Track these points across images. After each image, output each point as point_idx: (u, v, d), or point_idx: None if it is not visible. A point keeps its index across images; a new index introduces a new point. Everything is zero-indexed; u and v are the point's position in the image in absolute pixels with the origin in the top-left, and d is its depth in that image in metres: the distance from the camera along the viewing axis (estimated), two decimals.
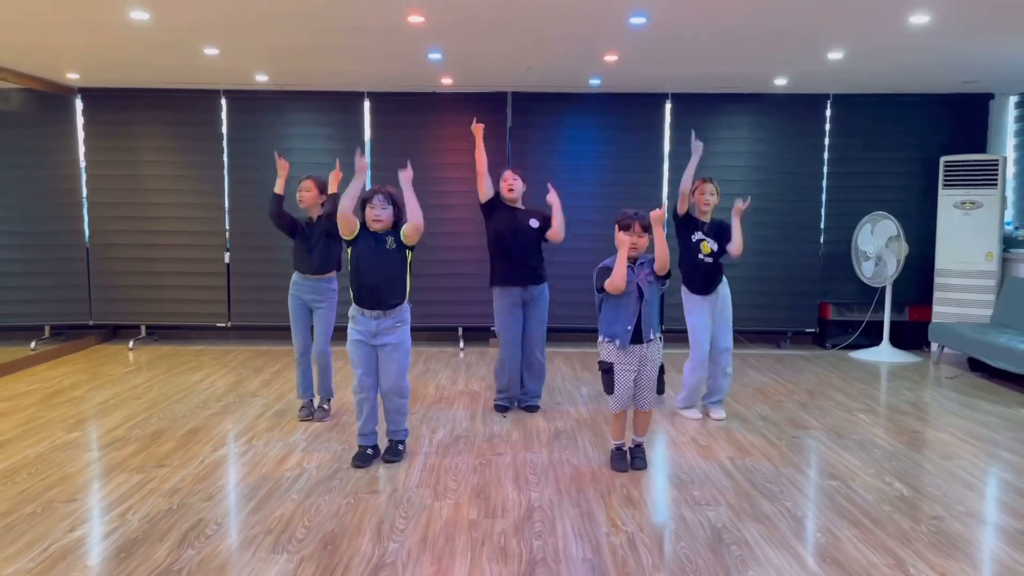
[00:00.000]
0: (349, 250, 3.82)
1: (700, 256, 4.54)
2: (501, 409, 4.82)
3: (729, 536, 3.04)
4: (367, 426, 3.87)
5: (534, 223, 4.69)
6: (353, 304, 3.81)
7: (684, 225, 4.60)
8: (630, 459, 3.84)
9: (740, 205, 4.45)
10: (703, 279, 4.58)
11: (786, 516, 3.24)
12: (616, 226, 3.67)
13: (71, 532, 3.02)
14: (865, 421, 4.71)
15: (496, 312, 4.73)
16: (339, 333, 4.27)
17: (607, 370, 3.70)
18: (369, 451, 3.89)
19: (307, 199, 4.51)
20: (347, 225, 3.74)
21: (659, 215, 3.63)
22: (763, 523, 3.17)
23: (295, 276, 4.59)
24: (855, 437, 4.38)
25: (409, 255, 3.85)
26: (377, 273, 3.75)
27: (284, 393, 5.27)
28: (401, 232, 3.78)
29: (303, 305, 4.58)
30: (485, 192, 4.67)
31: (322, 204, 4.54)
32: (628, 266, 3.63)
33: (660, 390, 3.76)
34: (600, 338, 3.75)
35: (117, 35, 4.97)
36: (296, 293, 4.57)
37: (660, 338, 3.76)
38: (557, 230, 4.65)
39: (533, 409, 4.85)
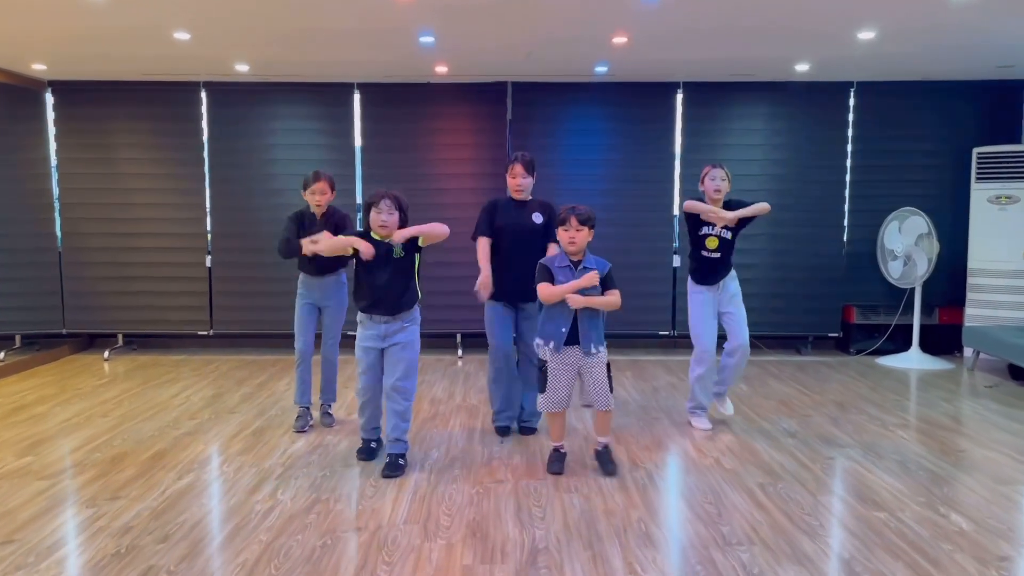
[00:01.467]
0: (354, 260, 3.65)
1: (705, 251, 4.33)
2: (501, 431, 4.30)
3: None
4: (369, 423, 3.86)
5: (538, 218, 4.16)
6: (360, 312, 3.68)
7: (694, 218, 4.36)
8: (599, 464, 3.69)
9: (730, 220, 4.28)
10: (708, 272, 4.36)
11: (830, 557, 2.80)
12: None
13: None
14: (904, 438, 4.26)
15: (486, 322, 4.25)
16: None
17: (540, 367, 3.61)
18: (373, 444, 3.89)
19: (324, 201, 4.24)
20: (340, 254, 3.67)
21: (579, 300, 3.47)
22: (805, 566, 2.72)
23: (302, 277, 4.34)
24: (896, 458, 3.92)
25: (417, 259, 3.70)
26: (387, 285, 3.61)
27: (265, 409, 4.83)
28: (419, 238, 3.64)
29: (311, 306, 4.36)
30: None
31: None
32: (567, 266, 3.56)
33: (609, 388, 3.59)
34: (536, 339, 3.68)
35: (76, 19, 4.53)
36: (304, 293, 4.35)
37: (602, 351, 3.58)
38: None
39: (529, 431, 4.34)
